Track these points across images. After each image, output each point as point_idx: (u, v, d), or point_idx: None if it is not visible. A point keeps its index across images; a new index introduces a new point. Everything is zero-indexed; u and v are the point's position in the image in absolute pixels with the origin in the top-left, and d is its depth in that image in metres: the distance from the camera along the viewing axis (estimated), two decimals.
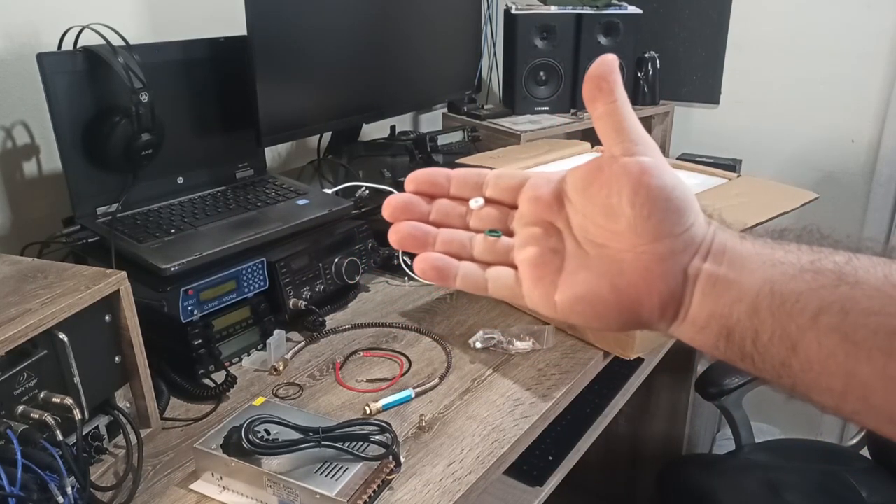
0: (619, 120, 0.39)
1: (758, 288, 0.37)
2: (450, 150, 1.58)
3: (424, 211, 0.45)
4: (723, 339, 0.39)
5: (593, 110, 0.40)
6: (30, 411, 0.71)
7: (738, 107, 2.02)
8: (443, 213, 0.45)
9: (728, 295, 0.38)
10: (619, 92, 0.39)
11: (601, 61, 0.39)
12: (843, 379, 0.35)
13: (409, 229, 0.44)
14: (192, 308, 0.98)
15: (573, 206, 0.41)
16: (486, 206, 0.44)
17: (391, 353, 1.08)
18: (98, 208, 1.09)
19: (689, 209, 0.39)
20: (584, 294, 0.41)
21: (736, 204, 1.07)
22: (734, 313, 0.38)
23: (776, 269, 0.37)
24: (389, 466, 0.79)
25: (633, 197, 0.38)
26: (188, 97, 1.21)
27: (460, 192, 0.45)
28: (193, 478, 0.81)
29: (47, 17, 1.16)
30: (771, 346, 0.37)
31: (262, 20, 1.21)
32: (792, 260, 0.37)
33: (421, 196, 0.45)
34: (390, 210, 0.44)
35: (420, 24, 1.61)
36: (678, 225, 0.38)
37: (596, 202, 0.40)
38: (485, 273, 0.43)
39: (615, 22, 1.80)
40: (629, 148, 0.39)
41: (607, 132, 0.39)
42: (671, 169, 0.39)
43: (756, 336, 0.37)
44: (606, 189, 0.39)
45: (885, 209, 1.86)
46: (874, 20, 1.78)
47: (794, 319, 0.36)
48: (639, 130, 0.39)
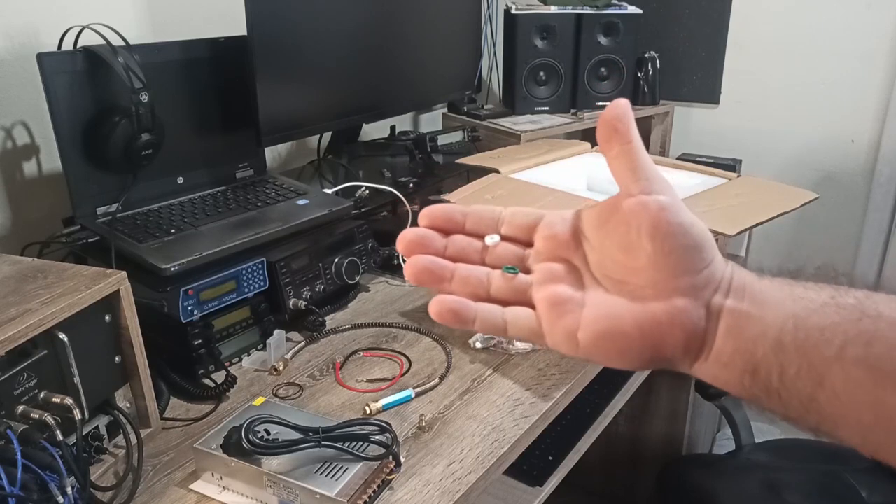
0: (634, 160, 0.39)
1: (781, 323, 0.38)
2: (450, 150, 1.58)
3: (440, 246, 0.44)
4: (748, 376, 0.39)
5: (608, 151, 0.40)
6: (30, 411, 0.71)
7: (738, 107, 2.02)
8: (459, 248, 0.44)
9: (752, 330, 0.38)
10: (634, 133, 0.40)
11: (615, 105, 0.40)
12: (871, 409, 0.35)
13: (426, 263, 0.43)
14: (192, 308, 0.98)
15: (590, 243, 0.42)
16: (502, 243, 0.44)
17: (391, 353, 1.08)
18: (98, 208, 1.09)
19: (707, 246, 0.39)
20: (607, 331, 0.40)
21: (736, 204, 1.07)
22: (759, 349, 0.38)
23: (798, 303, 0.38)
24: (389, 466, 0.79)
25: (653, 233, 0.38)
26: (188, 97, 1.21)
27: (475, 229, 0.45)
28: (193, 478, 0.81)
29: (47, 17, 1.16)
30: (798, 381, 0.37)
31: (262, 20, 1.21)
32: (812, 295, 0.38)
33: (436, 231, 0.45)
34: (405, 244, 0.44)
35: (420, 24, 1.61)
36: (699, 261, 0.39)
37: (613, 239, 0.40)
38: (503, 314, 0.43)
39: (615, 22, 1.80)
40: (646, 186, 0.39)
41: (623, 172, 0.40)
42: (687, 208, 0.40)
43: (782, 371, 0.37)
44: (624, 226, 0.39)
45: (885, 209, 1.86)
46: (874, 20, 1.78)
47: (820, 353, 0.36)
48: (654, 170, 0.40)
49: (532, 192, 1.11)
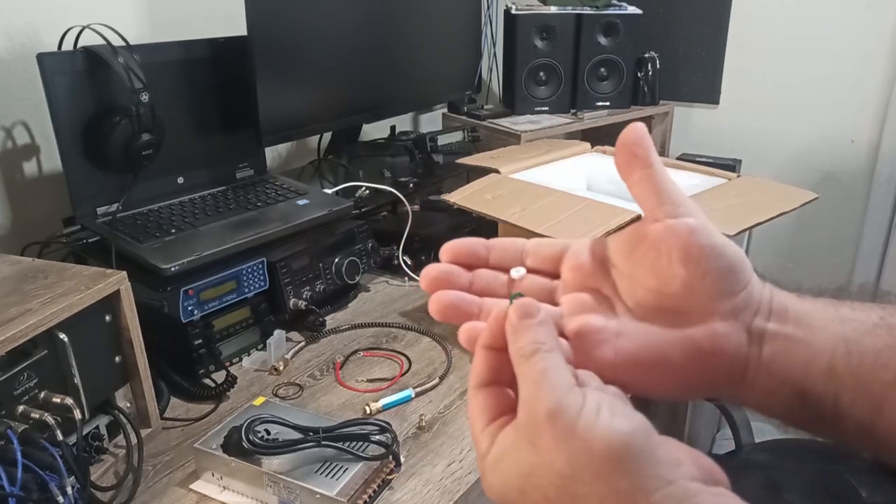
0: (657, 183, 0.38)
1: (832, 346, 0.36)
2: (450, 150, 1.58)
3: (465, 281, 0.42)
4: (797, 404, 0.37)
5: (629, 177, 0.39)
6: (30, 411, 0.71)
7: (737, 107, 2.02)
8: (484, 283, 0.43)
9: (800, 356, 0.36)
10: (654, 157, 0.38)
11: (631, 129, 0.38)
12: None
13: (451, 299, 0.41)
14: (193, 308, 0.98)
15: (618, 271, 0.40)
16: (528, 276, 0.43)
17: (391, 353, 1.08)
18: (98, 208, 1.09)
19: (744, 267, 0.38)
20: (647, 360, 0.38)
21: (736, 204, 1.07)
22: (809, 376, 0.36)
23: (846, 325, 0.36)
24: (389, 466, 0.79)
25: (685, 258, 0.37)
26: (188, 97, 1.21)
27: (500, 262, 0.43)
28: (194, 478, 0.81)
29: (47, 17, 1.16)
30: (854, 409, 0.35)
31: (263, 20, 1.21)
32: (861, 317, 0.36)
33: (459, 266, 0.43)
34: (429, 280, 0.42)
35: (420, 24, 1.61)
36: (735, 283, 0.37)
37: (643, 266, 0.38)
38: None
39: (615, 22, 1.80)
40: (672, 210, 0.38)
41: (647, 197, 0.38)
42: (716, 228, 0.38)
43: (836, 399, 0.36)
44: (654, 252, 0.38)
45: (885, 209, 1.86)
46: (874, 20, 1.78)
47: (878, 378, 0.34)
48: (678, 192, 0.38)
49: (532, 192, 1.12)
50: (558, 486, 0.32)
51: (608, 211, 1.00)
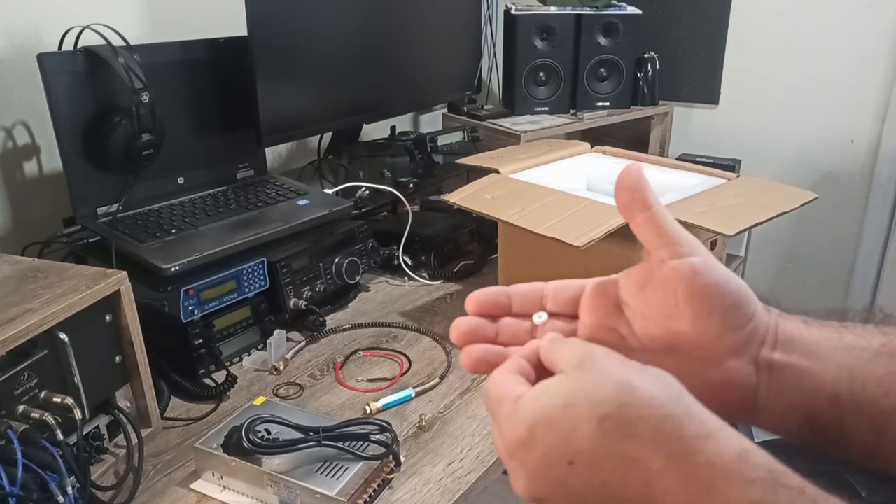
0: (659, 225, 0.39)
1: (836, 375, 0.37)
2: (450, 150, 1.58)
3: (491, 332, 0.45)
4: (807, 428, 0.39)
5: (631, 219, 0.40)
6: (30, 411, 0.71)
7: (737, 107, 2.02)
8: (510, 332, 0.45)
9: (806, 385, 0.38)
10: (653, 199, 0.40)
11: (627, 173, 0.40)
12: None
13: (482, 353, 0.43)
14: (193, 308, 0.98)
15: (631, 310, 0.42)
16: (550, 320, 0.45)
17: (391, 353, 1.08)
18: (99, 208, 1.09)
19: (747, 301, 0.39)
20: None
21: (735, 204, 1.07)
22: (815, 403, 0.38)
23: (850, 354, 0.38)
24: (389, 466, 0.79)
25: (690, 297, 0.38)
26: (188, 97, 1.21)
27: (522, 309, 0.45)
28: (194, 477, 0.81)
29: (48, 18, 1.16)
30: (858, 433, 0.37)
31: (263, 20, 1.22)
32: (864, 344, 0.38)
33: (483, 317, 0.45)
34: (458, 335, 0.45)
35: (420, 24, 1.61)
36: (740, 317, 0.39)
37: (653, 304, 0.40)
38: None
39: (615, 22, 1.80)
40: (675, 250, 0.39)
41: (650, 238, 0.40)
42: (720, 265, 0.39)
43: (840, 423, 0.37)
44: (662, 291, 0.39)
45: (884, 209, 1.86)
46: (874, 20, 1.78)
47: (878, 405, 0.36)
48: (680, 231, 0.40)
49: (532, 192, 1.12)
50: (591, 418, 0.34)
51: (608, 211, 1.00)
